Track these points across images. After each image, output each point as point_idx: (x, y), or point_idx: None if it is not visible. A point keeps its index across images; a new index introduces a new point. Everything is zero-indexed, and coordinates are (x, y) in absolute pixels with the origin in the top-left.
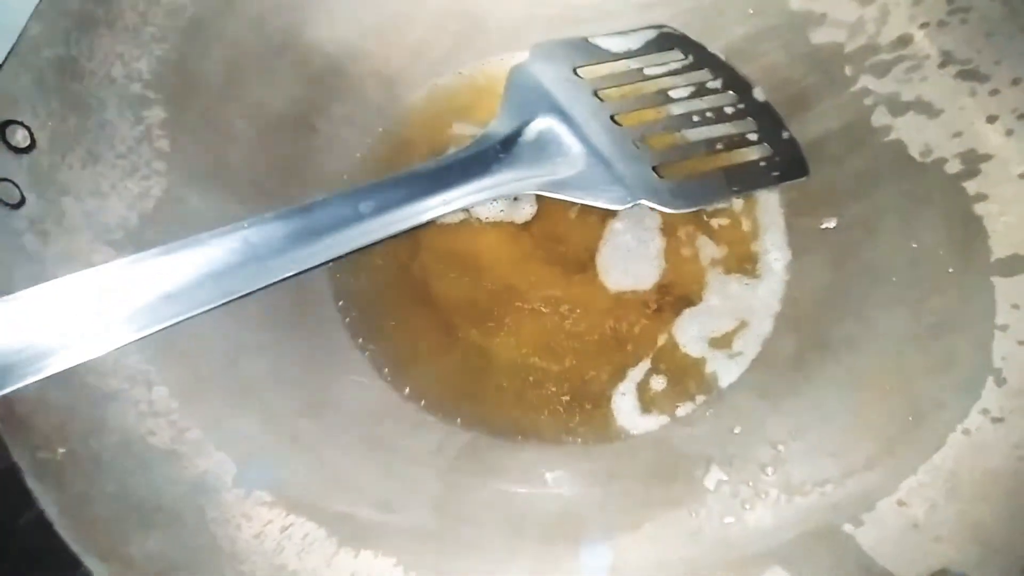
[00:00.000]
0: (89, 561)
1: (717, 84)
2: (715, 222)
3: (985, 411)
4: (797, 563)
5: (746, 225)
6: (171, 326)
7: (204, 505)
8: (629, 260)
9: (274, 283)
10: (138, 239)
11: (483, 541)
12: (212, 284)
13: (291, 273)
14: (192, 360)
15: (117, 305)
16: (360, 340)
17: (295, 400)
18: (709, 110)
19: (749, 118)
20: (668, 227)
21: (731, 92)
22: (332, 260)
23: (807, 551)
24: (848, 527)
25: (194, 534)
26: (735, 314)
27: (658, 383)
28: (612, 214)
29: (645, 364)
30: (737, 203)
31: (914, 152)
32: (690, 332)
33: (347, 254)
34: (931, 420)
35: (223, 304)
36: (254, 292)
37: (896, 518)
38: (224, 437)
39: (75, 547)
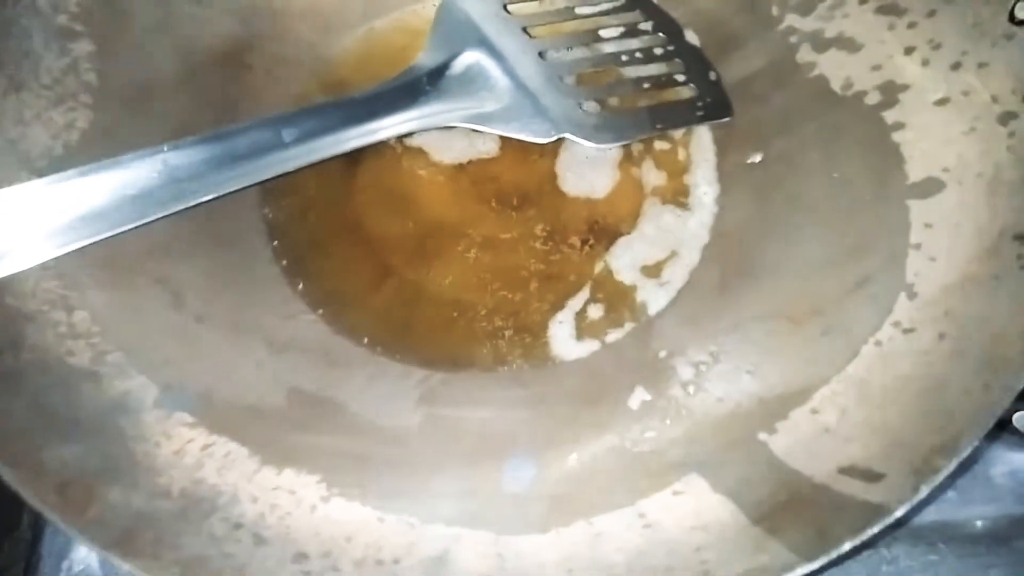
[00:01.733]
0: None
1: (647, 26)
2: (658, 146)
3: (897, 323)
4: (713, 470)
5: (681, 158)
6: (89, 244)
7: (123, 423)
8: (586, 167)
9: (194, 205)
10: (62, 169)
11: (408, 460)
12: (130, 205)
13: (211, 196)
14: (116, 288)
15: (35, 223)
16: (291, 275)
17: (221, 330)
18: (638, 50)
19: (677, 59)
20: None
21: (661, 34)
22: (253, 185)
23: (723, 459)
24: (762, 435)
25: (110, 447)
26: (667, 244)
27: (595, 311)
28: (550, 153)
29: (584, 293)
30: (674, 137)
31: (836, 86)
32: (624, 260)
33: (269, 180)
34: (845, 336)
35: (142, 225)
36: (173, 214)
37: (809, 425)
38: (147, 361)
39: None
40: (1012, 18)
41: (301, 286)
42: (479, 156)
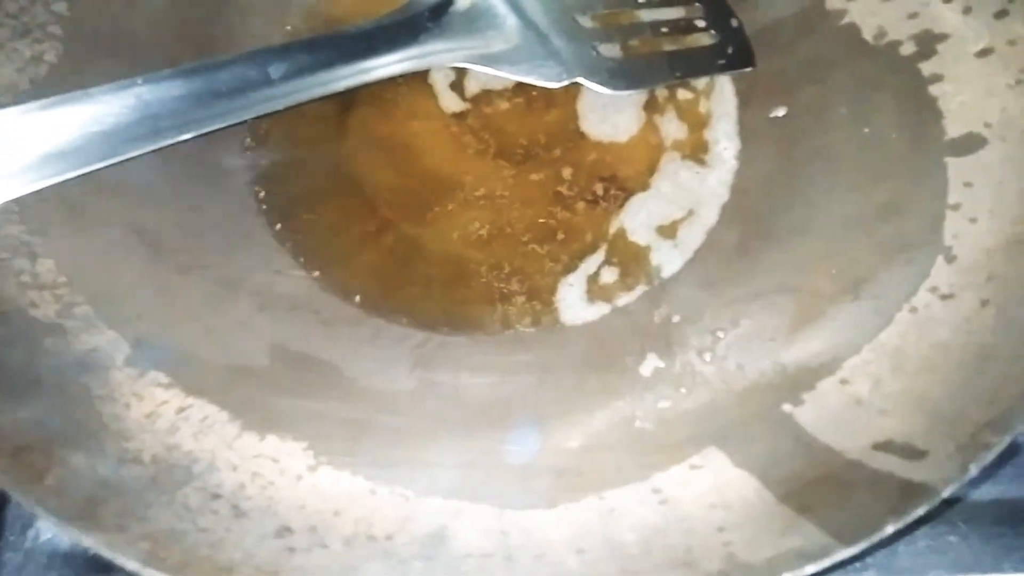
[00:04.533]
0: None
1: None
2: (680, 95)
3: (934, 288)
4: (733, 443)
5: (702, 111)
6: (56, 184)
7: (89, 382)
8: (610, 109)
9: (170, 144)
10: None
11: (402, 428)
12: (101, 142)
13: (189, 135)
14: (86, 235)
15: None
16: (279, 228)
17: (203, 284)
18: None
19: (697, 3)
20: None
21: None
22: (235, 124)
23: (744, 432)
24: (787, 407)
25: (75, 409)
26: (683, 203)
27: (608, 274)
28: (572, 93)
29: (598, 255)
30: (696, 87)
31: (867, 36)
32: (639, 218)
33: (253, 118)
34: (877, 301)
35: (113, 163)
36: (148, 152)
37: (838, 396)
38: (118, 315)
39: None
40: None
41: (288, 239)
42: (488, 96)
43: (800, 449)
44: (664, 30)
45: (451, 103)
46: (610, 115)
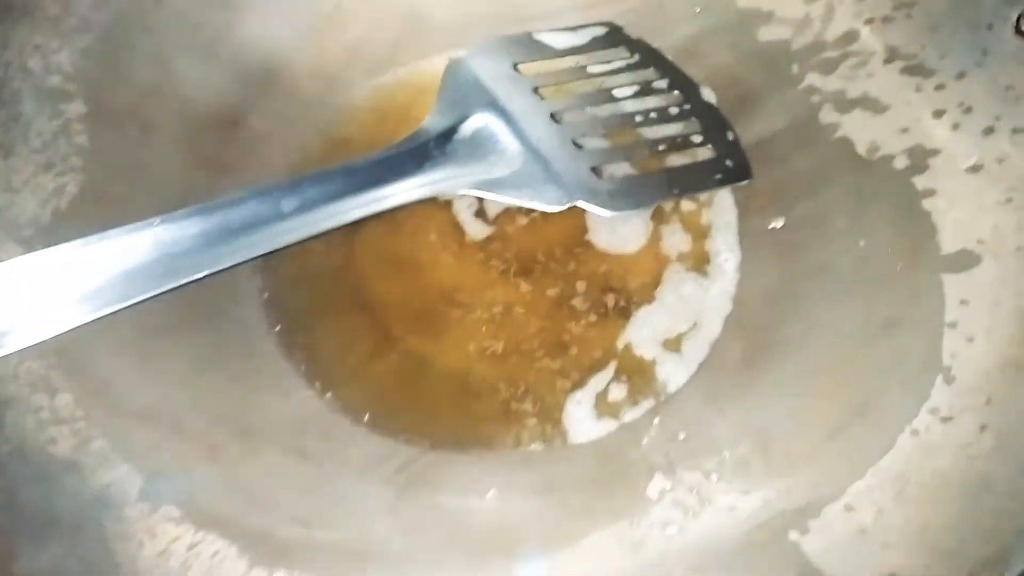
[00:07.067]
0: None
1: (663, 84)
2: (684, 206)
3: (934, 410)
4: (739, 573)
5: (703, 222)
6: (74, 329)
7: (104, 520)
8: (618, 220)
9: (187, 283)
10: (50, 238)
11: (411, 557)
12: (120, 284)
13: (205, 273)
14: (100, 366)
15: (11, 307)
16: (288, 348)
17: (212, 411)
18: (653, 110)
19: (694, 119)
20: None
21: (676, 92)
22: (251, 260)
23: (750, 560)
24: (794, 534)
25: (91, 549)
26: (687, 315)
27: (617, 391)
28: (568, 212)
29: (608, 371)
30: (698, 198)
31: (861, 149)
32: (644, 332)
33: (268, 254)
34: (879, 421)
35: (132, 305)
36: (166, 293)
37: (843, 524)
38: (132, 448)
39: None
40: None
41: (296, 358)
42: (510, 214)
43: None
44: (662, 148)
45: (477, 230)
46: (619, 226)
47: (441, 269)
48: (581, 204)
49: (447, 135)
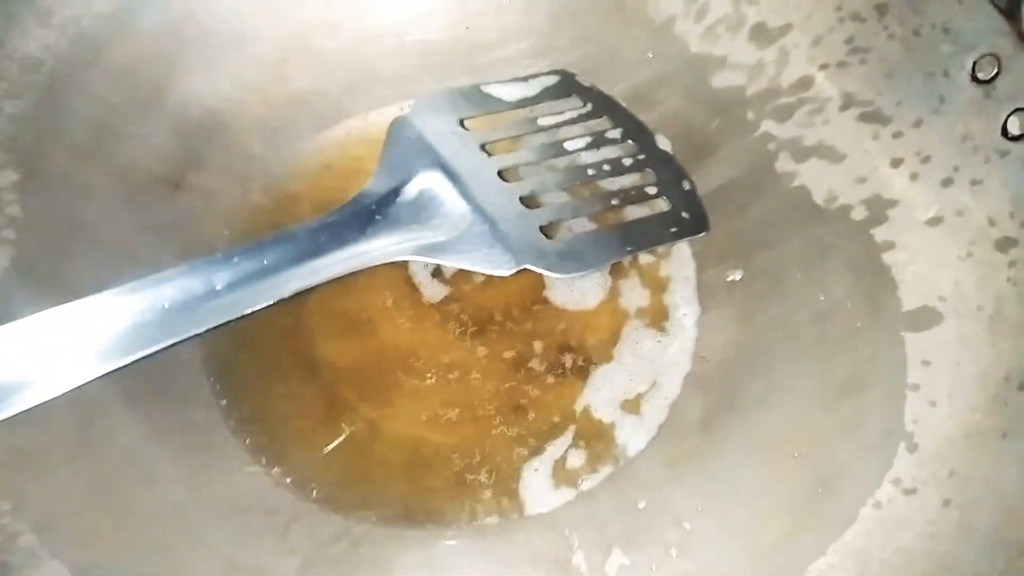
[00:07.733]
0: None
1: (616, 134)
2: (643, 259)
3: (897, 481)
4: None
5: (662, 275)
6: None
7: None
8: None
9: (115, 370)
10: None
11: None
12: (40, 375)
13: (133, 358)
14: (29, 455)
15: None
16: (234, 421)
17: (155, 496)
18: (606, 162)
19: (648, 170)
20: None
21: (630, 142)
22: (182, 342)
23: None
24: None
25: None
26: (646, 374)
27: (576, 458)
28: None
29: (566, 437)
30: (656, 249)
31: (819, 199)
32: (602, 393)
33: (200, 334)
34: (841, 492)
35: (55, 397)
36: (90, 382)
37: None
38: (62, 541)
39: None
40: (1005, 133)
41: (241, 431)
42: (466, 273)
43: None
44: (616, 202)
45: (434, 291)
46: (577, 281)
47: (395, 331)
48: (530, 267)
49: (390, 198)
